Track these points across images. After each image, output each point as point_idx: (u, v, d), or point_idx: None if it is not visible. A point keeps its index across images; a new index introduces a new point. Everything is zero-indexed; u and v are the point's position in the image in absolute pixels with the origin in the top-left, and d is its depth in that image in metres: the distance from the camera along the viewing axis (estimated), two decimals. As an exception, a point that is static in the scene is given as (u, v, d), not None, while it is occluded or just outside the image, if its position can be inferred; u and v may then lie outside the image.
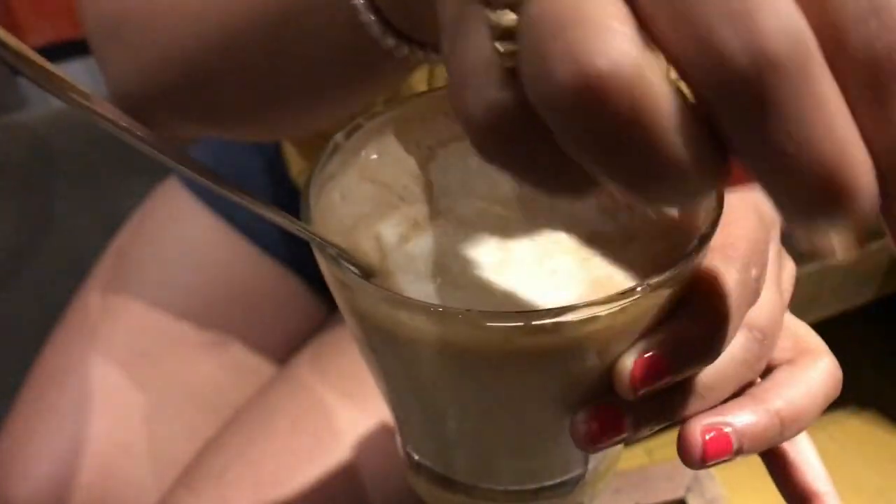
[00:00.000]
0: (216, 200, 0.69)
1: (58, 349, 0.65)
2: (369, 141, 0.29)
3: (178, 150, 0.20)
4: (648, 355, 0.23)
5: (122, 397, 0.61)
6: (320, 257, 0.24)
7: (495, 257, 0.25)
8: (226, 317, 0.66)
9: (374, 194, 0.27)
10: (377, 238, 0.25)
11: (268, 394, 0.59)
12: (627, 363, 0.23)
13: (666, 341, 0.23)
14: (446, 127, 0.30)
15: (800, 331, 0.30)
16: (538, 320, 0.21)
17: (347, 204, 0.27)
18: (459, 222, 0.26)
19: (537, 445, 0.28)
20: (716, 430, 0.25)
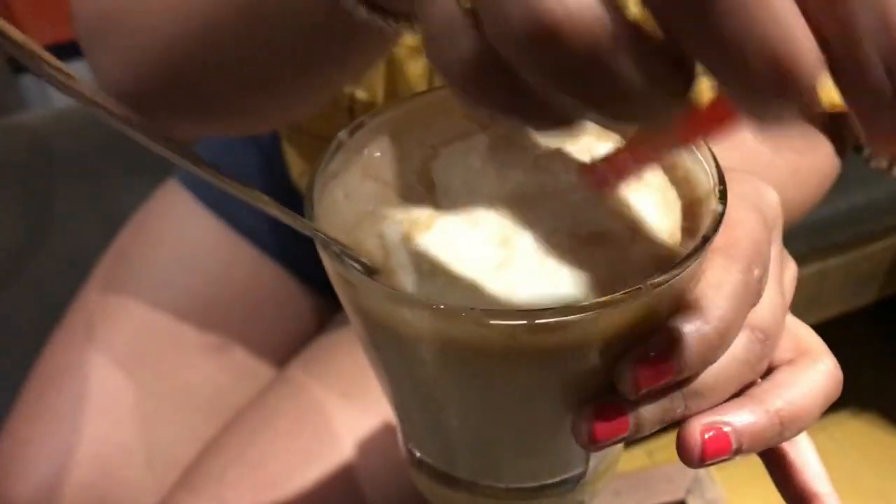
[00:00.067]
0: (217, 202, 0.69)
1: (58, 350, 0.65)
2: (372, 139, 0.29)
3: (179, 143, 0.20)
4: (651, 355, 0.23)
5: (122, 398, 0.61)
6: (324, 255, 0.24)
7: (498, 256, 0.25)
8: (226, 318, 0.66)
9: (377, 192, 0.27)
10: (380, 236, 0.25)
11: (267, 395, 0.59)
12: (630, 362, 0.23)
13: (668, 341, 0.23)
14: (448, 126, 0.30)
15: (801, 332, 0.30)
16: (541, 319, 0.21)
17: (350, 202, 0.27)
18: (462, 221, 0.26)
19: (539, 443, 0.28)
20: (715, 430, 0.25)
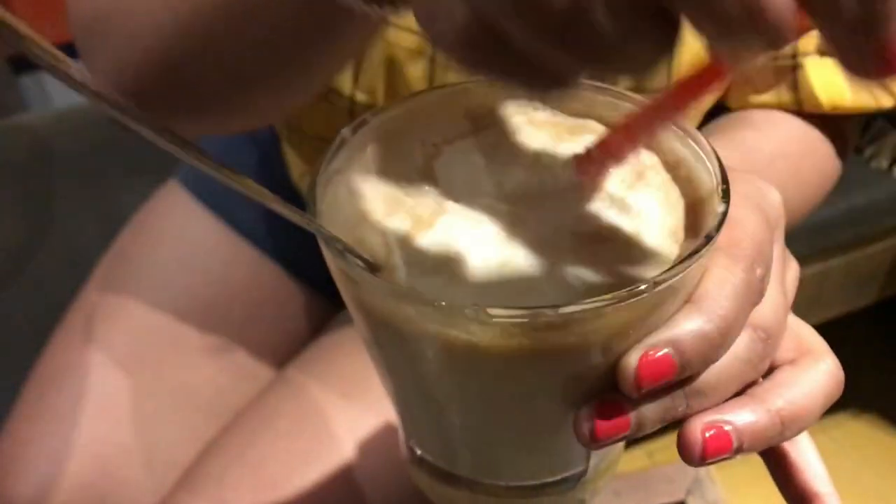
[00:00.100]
0: (217, 203, 0.69)
1: (58, 350, 0.65)
2: (375, 137, 0.29)
3: (182, 136, 0.20)
4: (653, 353, 0.23)
5: (122, 399, 0.61)
6: (327, 251, 0.24)
7: (501, 254, 0.25)
8: (226, 319, 0.66)
9: (379, 190, 0.27)
10: (383, 233, 0.25)
11: (267, 396, 0.59)
12: (632, 361, 0.23)
13: (671, 340, 0.23)
14: (451, 124, 0.30)
15: (802, 331, 0.30)
16: (543, 316, 0.21)
17: (353, 199, 0.27)
18: (465, 219, 0.26)
19: (540, 441, 0.28)
20: (716, 429, 0.25)
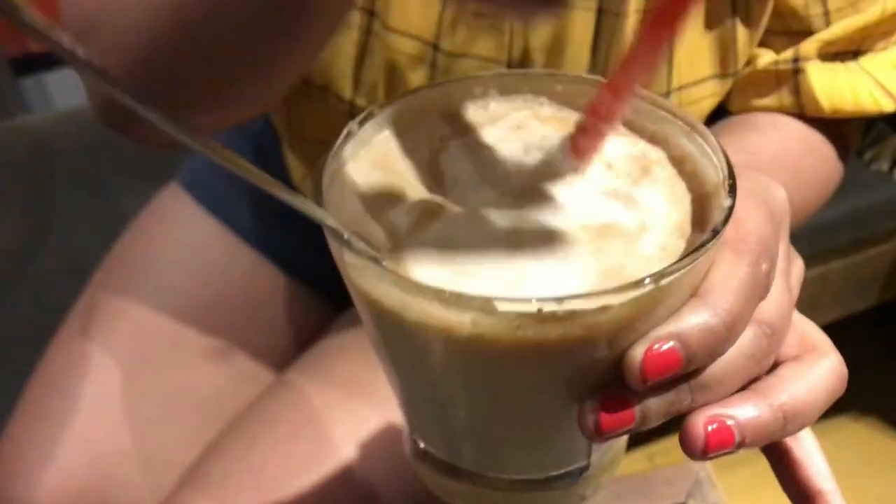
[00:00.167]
0: (217, 205, 0.69)
1: (58, 352, 0.64)
2: (382, 130, 0.29)
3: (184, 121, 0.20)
4: (658, 346, 0.23)
5: (123, 402, 0.61)
6: (333, 242, 0.24)
7: (506, 246, 0.25)
8: (226, 321, 0.66)
9: (386, 182, 0.27)
10: (389, 225, 0.25)
11: (268, 399, 0.59)
12: (638, 354, 0.23)
13: (676, 333, 0.23)
14: (457, 119, 0.30)
15: (807, 328, 0.30)
16: (549, 307, 0.21)
17: (360, 191, 0.27)
18: (470, 212, 0.26)
19: (544, 435, 0.28)
20: (718, 423, 0.25)
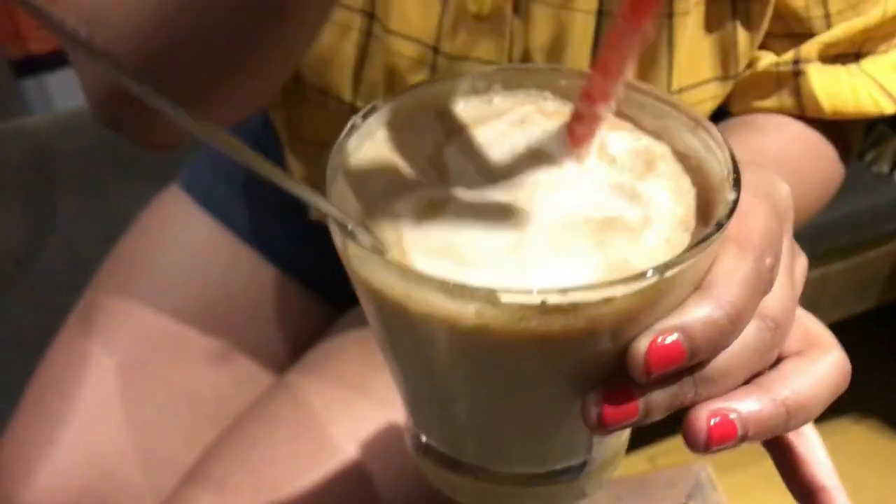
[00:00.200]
0: (217, 207, 0.69)
1: (59, 354, 0.65)
2: (386, 122, 0.29)
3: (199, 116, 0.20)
4: (662, 339, 0.23)
5: (123, 403, 0.61)
6: (337, 234, 0.24)
7: (510, 239, 0.25)
8: (227, 323, 0.66)
9: (390, 174, 0.27)
10: (393, 217, 0.25)
11: (268, 401, 0.59)
12: (642, 347, 0.23)
13: (680, 326, 0.23)
14: (461, 112, 0.30)
15: (810, 324, 0.30)
16: (552, 299, 0.21)
17: (364, 183, 0.27)
18: (475, 204, 0.26)
19: (546, 429, 0.28)
20: (721, 416, 0.25)
